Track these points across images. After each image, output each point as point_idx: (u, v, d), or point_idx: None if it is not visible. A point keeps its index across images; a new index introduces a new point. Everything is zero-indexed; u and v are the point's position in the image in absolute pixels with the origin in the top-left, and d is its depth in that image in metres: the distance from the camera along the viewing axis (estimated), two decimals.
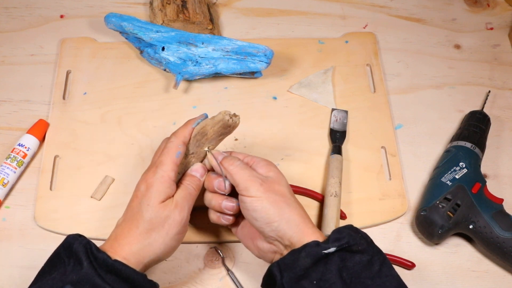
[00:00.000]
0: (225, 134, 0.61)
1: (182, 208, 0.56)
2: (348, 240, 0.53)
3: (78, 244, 0.52)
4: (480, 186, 0.69)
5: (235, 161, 0.58)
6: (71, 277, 0.50)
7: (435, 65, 0.86)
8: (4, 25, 0.86)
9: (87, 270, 0.50)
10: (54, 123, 0.76)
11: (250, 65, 0.77)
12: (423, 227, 0.68)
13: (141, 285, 0.53)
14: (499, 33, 0.91)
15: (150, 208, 0.55)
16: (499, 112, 0.82)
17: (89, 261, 0.51)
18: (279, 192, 0.56)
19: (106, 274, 0.51)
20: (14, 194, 0.71)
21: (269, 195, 0.55)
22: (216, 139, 0.61)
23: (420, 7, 0.93)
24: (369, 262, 0.53)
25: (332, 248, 0.52)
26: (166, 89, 0.80)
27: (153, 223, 0.55)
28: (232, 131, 0.61)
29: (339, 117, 0.78)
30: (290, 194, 0.57)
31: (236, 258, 0.68)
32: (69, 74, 0.81)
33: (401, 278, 0.54)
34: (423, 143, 0.78)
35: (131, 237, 0.54)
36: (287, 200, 0.56)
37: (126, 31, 0.78)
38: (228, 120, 0.59)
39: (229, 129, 0.60)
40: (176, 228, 0.56)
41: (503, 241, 0.65)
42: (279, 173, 0.59)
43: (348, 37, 0.87)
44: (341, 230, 0.55)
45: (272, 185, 0.56)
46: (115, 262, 0.51)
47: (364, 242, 0.54)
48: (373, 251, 0.54)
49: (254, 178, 0.56)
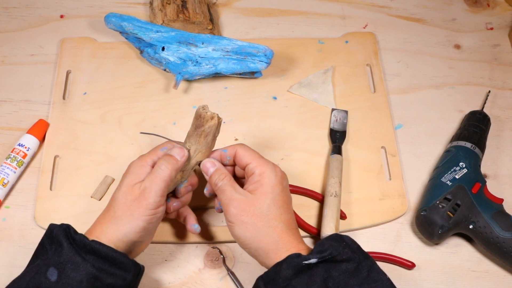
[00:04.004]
0: (200, 127, 0.60)
1: (149, 191, 0.56)
2: (331, 251, 0.53)
3: (58, 229, 0.54)
4: (480, 186, 0.69)
5: (219, 180, 0.59)
6: (53, 259, 0.52)
7: (435, 65, 0.86)
8: (4, 25, 0.86)
9: (67, 251, 0.52)
10: (54, 123, 0.76)
11: (250, 65, 0.77)
12: (423, 227, 0.68)
13: (121, 262, 0.54)
14: (499, 33, 0.91)
15: (120, 189, 0.57)
16: (499, 112, 0.82)
17: (68, 242, 0.53)
18: (253, 217, 0.55)
19: (86, 255, 0.53)
20: (14, 194, 0.71)
21: (242, 221, 0.56)
22: (197, 135, 0.60)
23: (420, 7, 0.93)
24: (356, 269, 0.53)
25: (313, 259, 0.52)
26: (166, 89, 0.80)
27: (120, 203, 0.56)
28: (213, 128, 0.59)
29: (339, 117, 0.78)
30: (267, 218, 0.55)
31: (236, 258, 0.68)
32: (69, 74, 0.81)
33: (392, 281, 0.53)
34: (423, 143, 0.78)
35: (103, 218, 0.57)
36: (259, 227, 0.55)
37: (126, 31, 0.78)
38: (198, 109, 0.59)
39: (202, 121, 0.59)
40: (143, 210, 0.56)
41: (503, 241, 0.65)
42: (265, 189, 0.57)
43: (348, 37, 0.87)
44: (324, 242, 0.55)
45: (248, 208, 0.56)
46: (92, 242, 0.53)
47: (348, 250, 0.54)
48: (359, 258, 0.54)
49: (232, 202, 0.56)
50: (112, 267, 0.54)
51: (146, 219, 0.56)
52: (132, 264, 0.56)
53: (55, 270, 0.51)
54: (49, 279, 0.51)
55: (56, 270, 0.51)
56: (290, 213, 0.58)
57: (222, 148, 0.62)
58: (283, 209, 0.57)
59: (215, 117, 0.59)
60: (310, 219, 0.70)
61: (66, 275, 0.51)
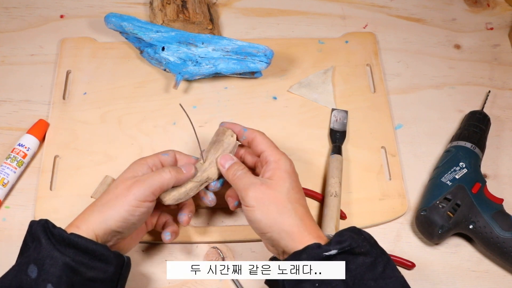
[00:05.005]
0: (219, 142, 0.62)
1: (142, 183, 0.56)
2: (350, 242, 0.53)
3: (37, 225, 0.54)
4: (480, 186, 0.69)
5: (237, 171, 0.59)
6: (33, 256, 0.52)
7: (435, 65, 0.86)
8: (4, 25, 0.86)
9: (46, 246, 0.52)
10: (54, 123, 0.76)
11: (250, 65, 0.77)
12: (423, 227, 0.68)
13: (102, 254, 0.54)
14: (499, 33, 0.91)
15: (117, 179, 0.58)
16: (499, 112, 0.82)
17: (47, 237, 0.52)
18: (274, 199, 0.55)
19: (66, 249, 0.52)
20: (14, 194, 0.72)
21: (262, 205, 0.55)
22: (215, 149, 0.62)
23: (420, 7, 0.93)
24: (372, 264, 0.53)
25: (333, 250, 0.52)
26: (166, 89, 0.80)
27: (110, 192, 0.57)
28: (231, 145, 0.62)
29: (339, 117, 0.78)
30: (288, 200, 0.56)
31: (236, 258, 0.68)
32: (69, 74, 0.81)
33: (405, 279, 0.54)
34: (423, 143, 0.78)
35: (90, 207, 0.57)
36: (281, 208, 0.55)
37: (126, 31, 0.78)
38: (220, 127, 0.64)
39: (222, 137, 0.63)
40: (129, 199, 0.56)
41: (503, 241, 0.65)
42: (283, 174, 0.58)
43: (348, 37, 0.87)
44: (343, 232, 0.55)
45: (268, 191, 0.56)
46: (70, 235, 0.53)
47: (366, 243, 0.54)
48: (377, 253, 0.54)
49: (251, 186, 0.56)
50: (93, 260, 0.53)
51: (129, 209, 0.55)
52: (113, 256, 0.55)
53: (35, 266, 0.51)
54: (30, 276, 0.50)
55: (35, 266, 0.51)
56: (306, 202, 0.59)
57: (243, 126, 0.63)
58: (300, 194, 0.58)
59: (234, 136, 0.62)
60: None
61: (46, 271, 0.50)
